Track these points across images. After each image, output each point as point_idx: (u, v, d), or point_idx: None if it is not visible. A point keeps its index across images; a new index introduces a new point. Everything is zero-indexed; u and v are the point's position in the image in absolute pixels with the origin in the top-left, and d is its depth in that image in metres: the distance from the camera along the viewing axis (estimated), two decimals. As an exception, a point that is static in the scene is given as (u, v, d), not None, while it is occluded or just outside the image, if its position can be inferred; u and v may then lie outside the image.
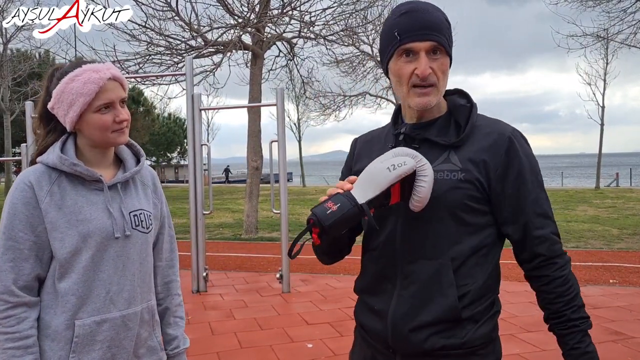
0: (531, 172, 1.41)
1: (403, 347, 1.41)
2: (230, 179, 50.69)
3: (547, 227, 1.41)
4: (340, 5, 11.79)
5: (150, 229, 1.67)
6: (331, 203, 1.29)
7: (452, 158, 1.40)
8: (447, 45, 1.38)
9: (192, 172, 6.65)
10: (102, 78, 1.52)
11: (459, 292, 1.37)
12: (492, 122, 1.46)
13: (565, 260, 1.42)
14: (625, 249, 8.98)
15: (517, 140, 1.41)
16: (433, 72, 1.36)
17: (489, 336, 1.43)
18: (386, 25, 1.43)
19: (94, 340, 1.53)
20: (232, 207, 18.86)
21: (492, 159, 1.38)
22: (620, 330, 4.69)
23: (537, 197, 1.40)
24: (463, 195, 1.37)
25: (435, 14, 1.37)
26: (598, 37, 13.50)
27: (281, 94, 6.54)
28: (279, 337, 4.78)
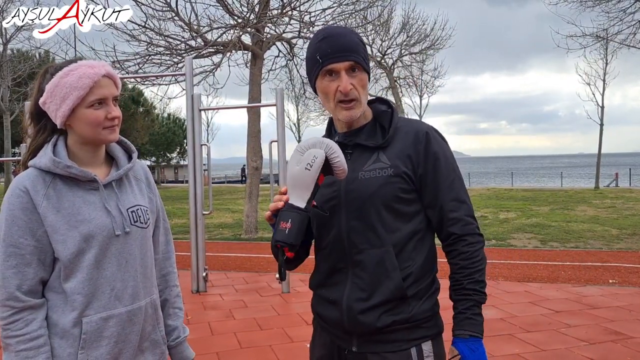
0: (445, 162, 1.61)
1: (358, 328, 1.58)
2: (230, 180, 50.68)
3: (460, 209, 1.59)
4: (340, 5, 11.80)
5: (148, 224, 1.69)
6: (284, 223, 1.46)
7: (381, 157, 1.60)
8: (364, 63, 1.57)
9: (191, 172, 6.65)
10: (97, 74, 1.53)
11: (402, 274, 1.55)
12: (411, 122, 1.68)
13: (476, 240, 1.59)
14: (625, 249, 8.99)
15: (432, 135, 1.62)
16: (354, 87, 1.55)
17: (432, 310, 1.61)
18: (309, 51, 1.62)
19: (102, 336, 1.55)
20: (232, 208, 18.85)
21: (414, 153, 1.59)
22: (619, 330, 4.70)
23: (451, 184, 1.59)
24: (394, 188, 1.56)
25: (350, 37, 1.57)
26: (597, 38, 13.52)
27: (281, 94, 6.55)
28: (279, 337, 4.78)
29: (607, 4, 12.50)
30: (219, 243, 10.78)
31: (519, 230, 11.36)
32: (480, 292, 1.56)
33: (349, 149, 1.63)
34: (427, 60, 23.03)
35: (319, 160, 1.43)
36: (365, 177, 1.58)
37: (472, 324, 1.54)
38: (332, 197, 1.62)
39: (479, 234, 1.61)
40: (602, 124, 24.38)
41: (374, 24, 16.72)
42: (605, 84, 23.91)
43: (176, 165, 53.46)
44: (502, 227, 11.88)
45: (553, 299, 5.86)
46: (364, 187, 1.57)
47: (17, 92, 17.21)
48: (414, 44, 21.63)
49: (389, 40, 21.27)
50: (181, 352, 1.82)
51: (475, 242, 1.59)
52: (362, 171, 1.59)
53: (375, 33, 19.71)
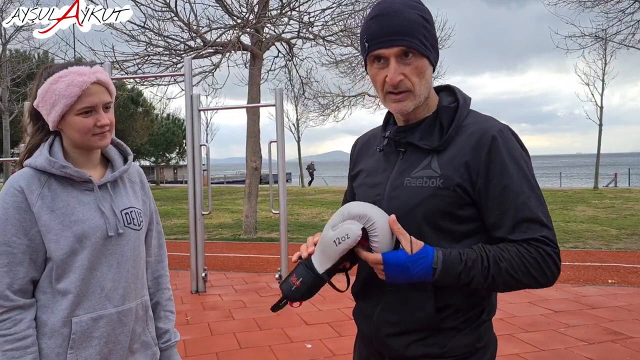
0: (517, 172, 1.31)
1: (387, 351, 1.43)
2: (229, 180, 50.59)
3: (537, 232, 1.28)
4: (340, 5, 11.79)
5: (141, 226, 1.70)
6: (294, 278, 1.38)
7: (432, 164, 1.36)
8: (420, 47, 1.31)
9: (191, 172, 6.65)
10: (85, 82, 1.52)
11: (438, 303, 1.35)
12: (481, 120, 1.39)
13: (549, 254, 1.28)
14: (624, 249, 8.99)
15: (502, 138, 1.32)
16: (406, 77, 1.32)
17: (472, 346, 1.38)
18: (361, 31, 1.40)
19: (91, 337, 1.56)
20: (231, 208, 18.85)
21: (473, 160, 1.31)
22: (619, 330, 4.70)
23: (525, 200, 1.29)
24: (441, 202, 1.32)
25: (405, 16, 1.31)
26: (597, 38, 13.53)
27: (280, 95, 6.54)
28: (278, 337, 4.78)
29: (606, 5, 12.52)
30: (219, 243, 10.77)
31: (518, 231, 11.34)
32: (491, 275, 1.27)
33: (401, 146, 1.43)
34: (427, 61, 23.03)
35: (350, 242, 1.28)
36: (411, 185, 1.37)
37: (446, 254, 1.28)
38: (374, 201, 1.42)
39: (554, 256, 1.29)
40: (601, 124, 24.38)
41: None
42: (604, 84, 23.92)
43: (175, 166, 53.41)
44: (501, 227, 11.87)
45: (552, 299, 5.86)
46: (406, 197, 1.36)
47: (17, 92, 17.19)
48: (414, 44, 21.61)
49: (389, 40, 21.24)
50: (169, 356, 1.82)
51: (545, 254, 1.27)
52: (410, 177, 1.38)
53: (374, 33, 19.68)
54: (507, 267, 1.26)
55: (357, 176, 1.58)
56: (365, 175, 1.53)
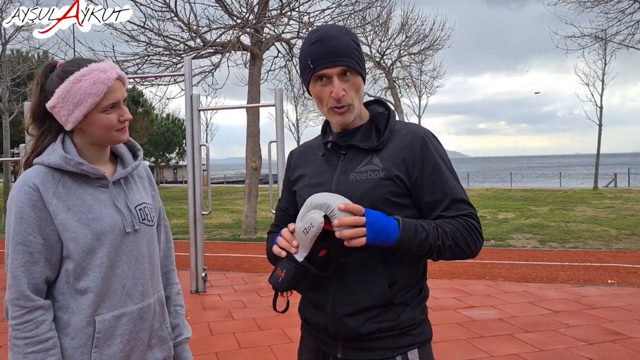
0: (445, 165, 1.57)
1: (343, 333, 1.56)
2: (229, 180, 50.59)
3: (466, 210, 1.54)
4: (339, 6, 11.81)
5: (154, 222, 1.71)
6: (279, 271, 1.50)
7: (374, 160, 1.57)
8: (356, 67, 1.53)
9: (190, 172, 6.65)
10: (110, 78, 1.52)
11: (389, 281, 1.53)
12: (408, 125, 1.64)
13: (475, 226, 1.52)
14: (624, 249, 9.00)
15: (428, 138, 1.58)
16: (346, 93, 1.52)
17: (418, 318, 1.58)
18: (301, 53, 1.58)
19: (114, 335, 1.55)
20: (231, 208, 18.85)
21: (409, 156, 1.54)
22: (618, 331, 4.70)
23: (453, 186, 1.55)
24: (384, 191, 1.52)
25: (342, 40, 1.52)
26: (596, 38, 13.53)
27: (280, 95, 6.54)
28: (278, 337, 4.78)
29: (606, 5, 12.52)
30: (218, 243, 10.78)
31: (518, 231, 11.37)
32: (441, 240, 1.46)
33: (342, 149, 1.61)
34: (426, 61, 23.09)
35: (315, 230, 1.42)
36: (356, 179, 1.55)
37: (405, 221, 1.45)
38: None
39: (479, 229, 1.54)
40: (600, 124, 24.41)
41: (372, 25, 16.73)
42: (604, 85, 23.95)
43: (175, 166, 53.45)
44: (501, 228, 11.89)
45: (552, 299, 5.86)
46: (353, 188, 1.53)
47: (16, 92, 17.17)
48: (413, 44, 21.67)
49: (388, 40, 21.31)
50: (180, 352, 1.82)
51: (473, 226, 1.52)
52: (354, 173, 1.57)
53: (374, 33, 19.73)
54: (450, 232, 1.49)
55: (298, 181, 1.73)
56: (309, 178, 1.68)
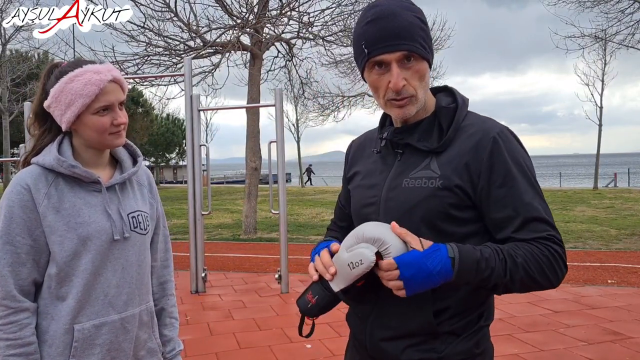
0: (521, 173, 1.29)
1: (381, 356, 1.40)
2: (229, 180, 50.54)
3: (544, 232, 1.27)
4: (339, 6, 11.80)
5: (147, 230, 1.66)
6: (310, 295, 1.36)
7: (432, 165, 1.33)
8: (420, 50, 1.29)
9: (190, 172, 6.65)
10: (102, 80, 1.49)
11: (436, 307, 1.32)
12: (480, 121, 1.36)
13: (557, 251, 1.26)
14: (624, 249, 9.00)
15: (503, 139, 1.30)
16: (407, 82, 1.29)
17: (470, 352, 1.34)
18: (355, 34, 1.35)
19: (94, 344, 1.51)
20: (231, 208, 18.85)
21: (474, 161, 1.29)
22: (618, 331, 4.70)
23: (531, 200, 1.27)
24: (440, 203, 1.29)
25: (402, 18, 1.27)
26: (596, 38, 13.53)
27: (280, 95, 6.54)
28: (278, 337, 4.78)
29: (606, 5, 12.52)
30: (218, 243, 10.77)
31: (518, 231, 11.35)
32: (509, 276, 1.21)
33: (399, 148, 1.40)
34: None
35: (364, 268, 1.24)
36: (409, 186, 1.34)
37: (459, 245, 1.22)
38: (371, 203, 1.41)
39: (562, 255, 1.27)
40: (600, 124, 24.40)
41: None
42: (604, 85, 23.94)
43: (175, 166, 53.42)
44: (501, 228, 11.88)
45: (552, 299, 5.86)
46: (404, 197, 1.33)
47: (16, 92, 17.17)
48: (413, 44, 21.60)
49: (388, 40, 21.25)
50: None
51: (555, 252, 1.25)
52: (408, 178, 1.34)
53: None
54: (523, 263, 1.22)
55: (353, 178, 1.55)
56: (362, 177, 1.50)
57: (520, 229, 1.26)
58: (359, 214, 1.46)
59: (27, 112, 6.94)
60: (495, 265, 1.21)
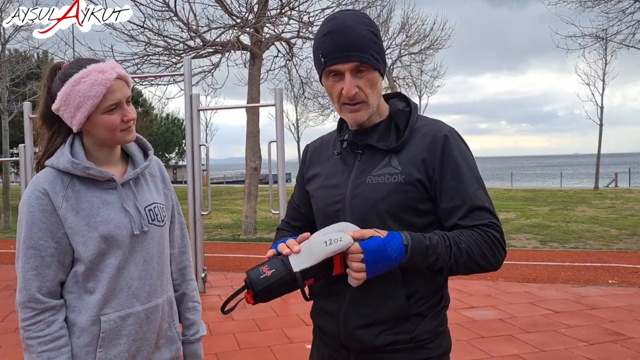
0: (468, 168, 1.45)
1: (355, 344, 1.48)
2: (229, 180, 50.55)
3: (486, 219, 1.42)
4: (339, 5, 11.78)
5: (165, 222, 1.70)
6: (266, 268, 1.32)
7: (392, 162, 1.46)
8: (371, 62, 1.41)
9: (190, 172, 6.64)
10: (108, 79, 1.50)
11: (407, 291, 1.43)
12: (431, 122, 1.52)
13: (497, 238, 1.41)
14: (625, 250, 8.99)
15: (452, 138, 1.46)
16: (360, 89, 1.42)
17: (436, 330, 1.48)
18: (314, 45, 1.48)
19: (120, 335, 1.56)
20: (231, 208, 18.84)
21: (429, 157, 1.43)
22: (619, 331, 4.69)
23: (475, 192, 1.43)
24: (404, 197, 1.42)
25: (356, 31, 1.39)
26: (597, 38, 13.52)
27: (280, 95, 6.53)
28: (278, 337, 4.77)
29: (607, 5, 12.50)
30: (218, 244, 10.77)
31: (519, 231, 11.35)
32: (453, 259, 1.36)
33: (359, 149, 1.52)
34: (427, 61, 23.05)
35: (341, 245, 1.28)
36: (373, 183, 1.45)
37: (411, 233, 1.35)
38: (337, 201, 1.51)
39: (500, 240, 1.42)
40: (601, 124, 24.39)
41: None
42: (605, 84, 23.93)
43: (175, 166, 53.44)
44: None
45: (552, 299, 5.85)
46: (369, 193, 1.45)
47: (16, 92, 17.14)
48: (413, 44, 21.63)
49: (388, 40, 21.25)
50: (196, 349, 1.83)
51: (493, 238, 1.40)
52: (371, 175, 1.46)
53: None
54: (466, 248, 1.37)
55: (312, 180, 1.64)
56: (324, 179, 1.59)
57: (465, 217, 1.41)
58: (325, 212, 1.56)
59: (26, 112, 6.93)
60: (441, 251, 1.35)
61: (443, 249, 1.36)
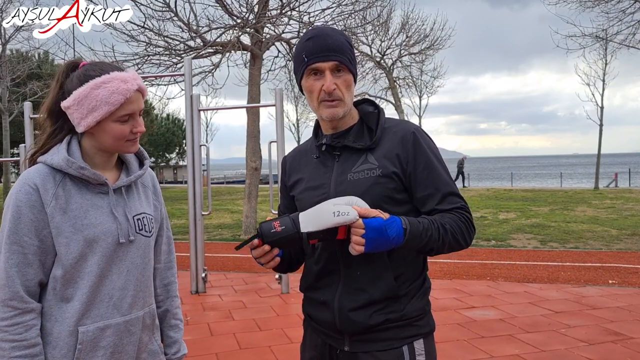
0: (437, 159, 1.63)
1: (350, 327, 1.60)
2: (229, 180, 50.50)
3: (458, 203, 1.61)
4: (339, 5, 11.79)
5: (152, 233, 1.66)
6: (277, 223, 1.48)
7: (369, 158, 1.62)
8: (349, 64, 1.60)
9: (190, 172, 6.64)
10: (129, 90, 1.50)
11: (394, 273, 1.58)
12: (398, 122, 1.71)
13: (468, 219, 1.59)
14: (625, 250, 8.99)
15: (420, 134, 1.64)
16: (338, 87, 1.58)
17: (423, 308, 1.64)
18: (296, 49, 1.65)
19: (98, 347, 1.51)
20: (231, 208, 18.84)
21: (402, 152, 1.60)
22: (619, 331, 4.70)
23: (446, 180, 1.62)
24: (383, 188, 1.58)
25: (336, 37, 1.60)
26: (597, 38, 13.53)
27: (280, 95, 6.54)
28: (278, 337, 4.78)
29: (607, 5, 12.51)
30: (218, 244, 10.77)
31: (519, 231, 11.36)
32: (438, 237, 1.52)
33: (336, 150, 1.66)
34: (427, 61, 23.07)
35: (347, 219, 1.42)
36: (354, 179, 1.60)
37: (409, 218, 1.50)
38: (322, 199, 1.60)
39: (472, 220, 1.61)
40: (601, 124, 24.39)
41: (373, 24, 16.71)
42: (605, 84, 23.93)
43: (175, 166, 53.38)
44: (501, 228, 11.88)
45: (553, 299, 5.85)
46: (352, 188, 1.58)
47: (16, 92, 17.15)
48: (414, 44, 21.64)
49: (388, 40, 21.28)
50: None
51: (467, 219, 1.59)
52: (351, 172, 1.62)
53: (374, 33, 19.69)
54: (450, 228, 1.54)
55: (296, 185, 1.77)
56: (306, 181, 1.72)
57: (441, 202, 1.59)
58: None
59: (27, 112, 6.93)
60: (431, 233, 1.51)
61: (433, 231, 1.51)
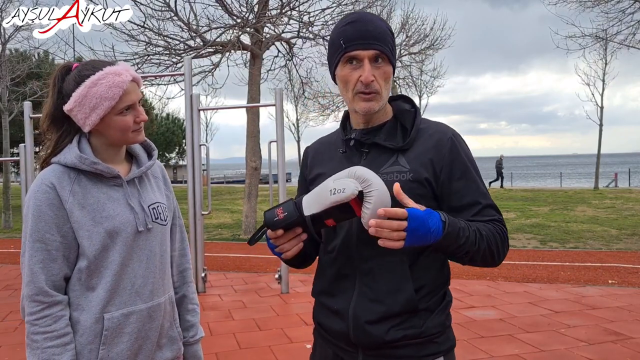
0: (474, 169, 1.51)
1: (365, 341, 1.47)
2: (229, 180, 50.47)
3: (495, 216, 1.49)
4: (339, 5, 11.79)
5: (167, 221, 1.73)
6: (280, 210, 1.40)
7: (400, 160, 1.49)
8: (389, 54, 1.46)
9: (190, 172, 6.64)
10: (124, 81, 1.55)
11: (415, 285, 1.45)
12: (435, 124, 1.56)
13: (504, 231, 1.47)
14: (624, 250, 8.99)
15: (457, 140, 1.52)
16: (376, 79, 1.44)
17: (443, 324, 1.51)
18: (333, 34, 1.51)
19: (122, 332, 1.57)
20: (231, 208, 18.84)
21: (437, 158, 1.47)
22: (619, 331, 4.70)
23: (484, 191, 1.50)
24: (412, 194, 1.40)
25: (378, 24, 1.46)
26: (597, 38, 13.52)
27: (280, 94, 6.53)
28: (278, 337, 4.78)
29: (607, 5, 12.51)
30: (218, 243, 10.77)
31: (519, 231, 11.36)
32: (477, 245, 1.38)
33: (365, 147, 1.53)
34: (427, 61, 23.05)
35: (343, 197, 1.30)
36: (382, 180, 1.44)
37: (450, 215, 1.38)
38: None
39: (507, 237, 1.50)
40: (601, 124, 24.39)
41: (373, 24, 16.69)
42: (605, 85, 23.93)
43: (175, 166, 53.39)
44: (501, 228, 11.87)
45: (552, 299, 5.85)
46: None
47: (16, 92, 17.13)
48: (413, 44, 21.62)
49: (388, 40, 21.26)
50: (196, 350, 1.85)
51: (504, 234, 1.47)
52: (379, 174, 1.43)
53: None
54: (487, 236, 1.42)
55: (317, 180, 1.61)
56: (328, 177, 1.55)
57: (478, 214, 1.47)
58: None
59: (27, 112, 6.92)
60: (469, 234, 1.38)
61: (471, 232, 1.38)
